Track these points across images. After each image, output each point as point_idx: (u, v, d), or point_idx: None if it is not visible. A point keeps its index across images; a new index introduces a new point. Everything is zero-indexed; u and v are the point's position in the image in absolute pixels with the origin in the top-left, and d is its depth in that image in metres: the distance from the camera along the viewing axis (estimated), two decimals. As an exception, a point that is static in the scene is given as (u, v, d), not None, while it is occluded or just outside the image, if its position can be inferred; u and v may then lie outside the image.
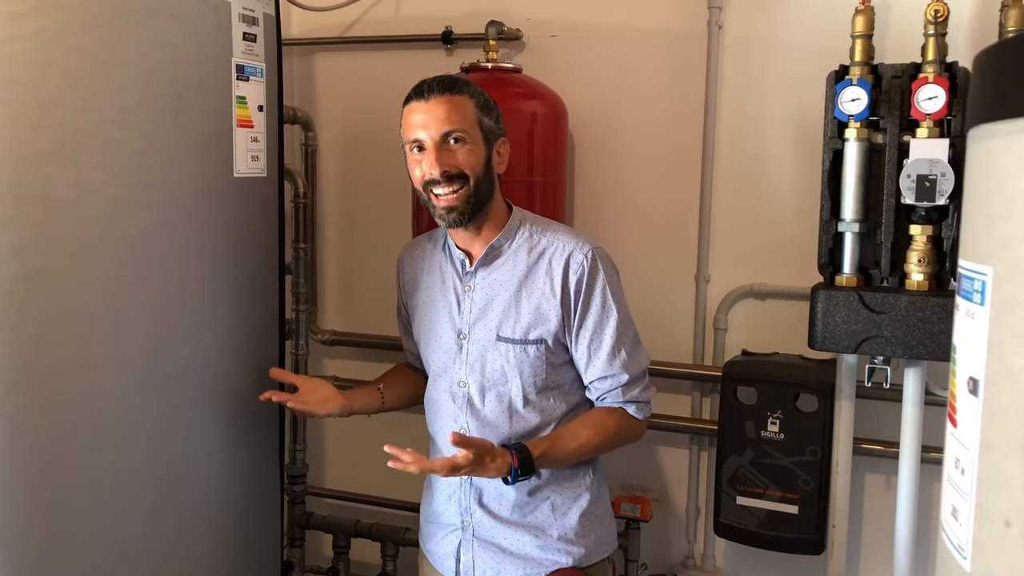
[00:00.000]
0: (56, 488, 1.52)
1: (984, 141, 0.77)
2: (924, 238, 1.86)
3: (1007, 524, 0.69)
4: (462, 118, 1.61)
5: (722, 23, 2.31)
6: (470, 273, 1.71)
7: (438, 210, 1.64)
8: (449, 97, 1.61)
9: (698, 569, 2.45)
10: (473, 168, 1.62)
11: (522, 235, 1.70)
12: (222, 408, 1.80)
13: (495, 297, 1.68)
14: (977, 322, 0.75)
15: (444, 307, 1.74)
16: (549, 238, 1.69)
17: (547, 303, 1.65)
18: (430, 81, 1.65)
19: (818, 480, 2.05)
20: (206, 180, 1.71)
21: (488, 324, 1.68)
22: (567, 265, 1.65)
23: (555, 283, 1.65)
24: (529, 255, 1.68)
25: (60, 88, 1.47)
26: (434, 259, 1.79)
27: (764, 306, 2.34)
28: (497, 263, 1.70)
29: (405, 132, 1.65)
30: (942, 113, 1.82)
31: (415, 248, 1.87)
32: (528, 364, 1.66)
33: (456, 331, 1.72)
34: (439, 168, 1.59)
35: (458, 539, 1.76)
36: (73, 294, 1.51)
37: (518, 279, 1.67)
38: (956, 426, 0.79)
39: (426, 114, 1.61)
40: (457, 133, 1.60)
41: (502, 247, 1.70)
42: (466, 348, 1.71)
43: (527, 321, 1.65)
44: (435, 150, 1.60)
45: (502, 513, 1.71)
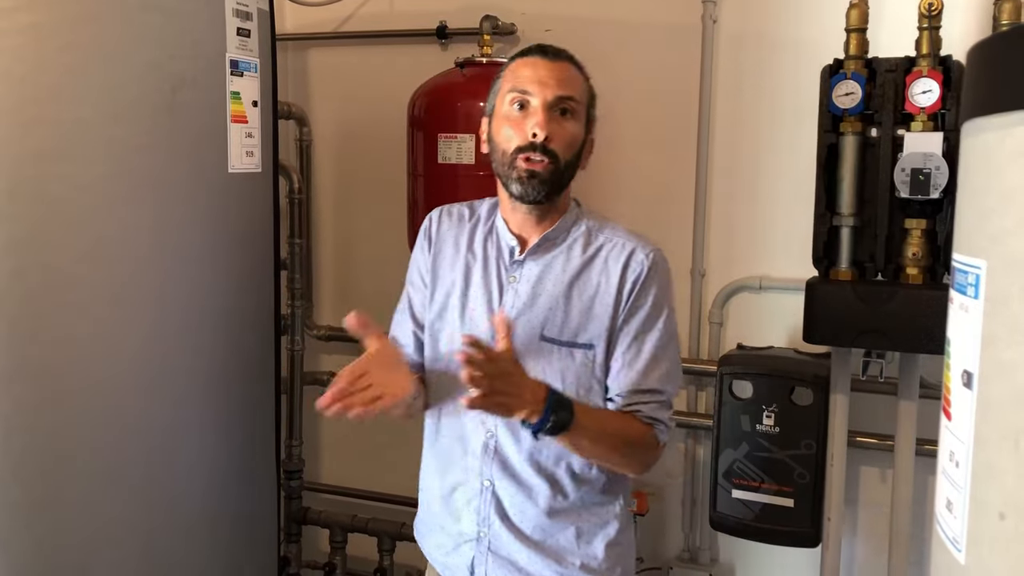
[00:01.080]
0: (52, 484, 1.52)
1: (978, 135, 0.77)
2: (919, 232, 1.87)
3: (1001, 516, 0.70)
4: (579, 90, 1.47)
5: (716, 17, 2.31)
6: (518, 262, 1.52)
7: (518, 173, 1.43)
8: (572, 67, 1.48)
9: (694, 562, 2.45)
10: (568, 150, 1.45)
11: (579, 229, 1.53)
12: (218, 404, 1.80)
13: (542, 292, 1.50)
14: (971, 315, 0.75)
15: (483, 294, 1.52)
16: (608, 235, 1.52)
17: (600, 305, 1.48)
18: (550, 45, 1.49)
19: (813, 473, 2.06)
20: (201, 176, 1.71)
21: (532, 321, 1.49)
22: (626, 265, 1.48)
23: (611, 283, 1.48)
24: (584, 251, 1.51)
25: (54, 84, 1.47)
26: (476, 238, 1.57)
27: (759, 300, 2.35)
28: (549, 255, 1.51)
29: (511, 82, 1.46)
30: (936, 107, 1.82)
31: (453, 217, 1.61)
32: (572, 370, 1.47)
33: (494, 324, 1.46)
34: (544, 131, 1.41)
35: (472, 552, 1.55)
36: (68, 290, 1.51)
37: (570, 275, 1.49)
38: (950, 419, 0.79)
39: (547, 71, 1.44)
40: (571, 103, 1.45)
41: (556, 238, 1.52)
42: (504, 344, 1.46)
43: (576, 322, 1.48)
44: (544, 111, 1.42)
45: (524, 529, 1.51)
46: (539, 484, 1.48)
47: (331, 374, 2.80)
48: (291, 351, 2.70)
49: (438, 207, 1.64)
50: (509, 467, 1.49)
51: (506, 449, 1.50)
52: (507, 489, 1.49)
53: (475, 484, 1.52)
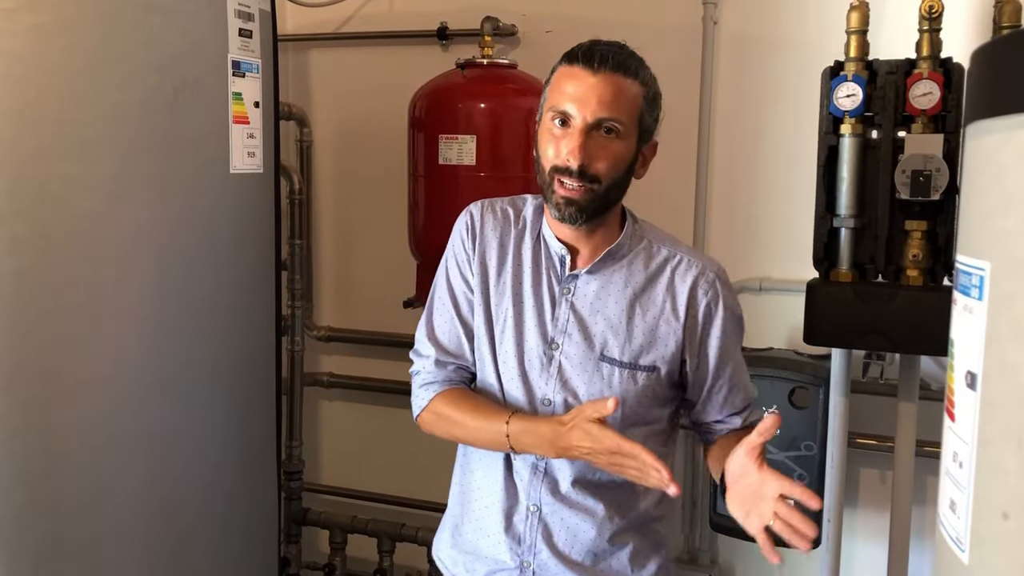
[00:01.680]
0: (54, 486, 1.52)
1: (982, 137, 0.78)
2: (919, 233, 1.87)
3: (1005, 516, 0.70)
4: (626, 108, 1.34)
5: (717, 19, 2.32)
6: (573, 275, 1.41)
7: (555, 197, 1.34)
8: (621, 78, 1.34)
9: (694, 564, 2.46)
10: (613, 170, 1.34)
11: (640, 242, 1.44)
12: (219, 404, 1.80)
13: (601, 309, 1.40)
14: (975, 316, 0.76)
15: (534, 306, 1.42)
16: (671, 250, 1.43)
17: (667, 325, 1.39)
18: (605, 49, 1.35)
19: (813, 474, 2.06)
20: (203, 176, 1.71)
21: (589, 340, 1.39)
22: (695, 284, 1.40)
23: (679, 304, 1.39)
24: (647, 267, 1.42)
25: (56, 85, 1.47)
26: (523, 243, 1.45)
27: (759, 301, 2.35)
28: (608, 270, 1.41)
29: (552, 97, 1.35)
30: (937, 109, 1.83)
31: (496, 216, 1.48)
32: (633, 394, 1.38)
33: (547, 340, 1.41)
34: (579, 160, 1.30)
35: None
36: (70, 290, 1.51)
37: (633, 292, 1.40)
38: (954, 420, 0.79)
39: (587, 88, 1.31)
40: (613, 123, 1.32)
41: (620, 252, 1.42)
42: (557, 361, 1.40)
43: (640, 343, 1.39)
44: (581, 135, 1.31)
45: (573, 556, 1.41)
46: (594, 505, 1.40)
47: (331, 375, 2.81)
48: (291, 352, 2.70)
49: (479, 201, 1.52)
50: (561, 490, 1.40)
51: (557, 471, 1.40)
52: (557, 513, 1.40)
53: (520, 509, 1.42)
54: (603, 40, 1.38)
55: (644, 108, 1.38)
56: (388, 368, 2.75)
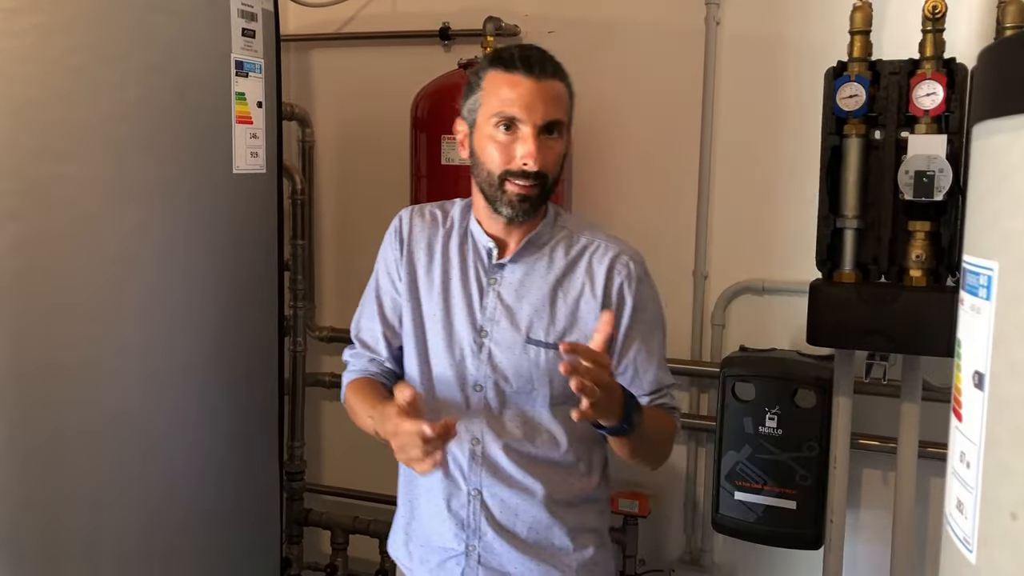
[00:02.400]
0: (55, 485, 1.52)
1: (989, 137, 0.78)
2: (922, 234, 1.87)
3: (1013, 517, 0.70)
4: (564, 110, 1.43)
5: (720, 19, 2.32)
6: (498, 265, 1.50)
7: (508, 197, 1.42)
8: (558, 83, 1.42)
9: (696, 564, 2.45)
10: (556, 168, 1.44)
11: (560, 231, 1.52)
12: (220, 405, 1.80)
13: (526, 295, 1.49)
14: (983, 316, 0.75)
15: (462, 298, 1.51)
16: (589, 237, 1.52)
17: (587, 305, 1.47)
18: (538, 56, 1.42)
19: (816, 475, 2.06)
20: (205, 176, 1.71)
21: (516, 324, 1.48)
22: (611, 267, 1.48)
23: (596, 284, 1.48)
24: (567, 253, 1.50)
25: (59, 84, 1.47)
26: (451, 241, 1.54)
27: (762, 302, 2.35)
28: (531, 258, 1.50)
29: (494, 105, 1.41)
30: (940, 109, 1.83)
31: (426, 218, 1.58)
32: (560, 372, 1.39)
33: (476, 328, 1.49)
34: (538, 163, 1.39)
35: (459, 567, 1.51)
36: (72, 290, 1.51)
37: (555, 276, 1.49)
38: (961, 420, 0.79)
39: (534, 94, 1.39)
40: (560, 125, 1.42)
41: (539, 240, 1.51)
42: (487, 347, 1.48)
43: (563, 324, 1.47)
44: (534, 139, 1.38)
45: (519, 533, 1.48)
46: (532, 483, 1.47)
47: (333, 375, 2.81)
48: (293, 352, 2.70)
49: (408, 207, 1.62)
50: (500, 471, 1.47)
51: (495, 454, 1.48)
52: (497, 495, 1.47)
53: (461, 496, 1.49)
54: (525, 44, 1.48)
55: (571, 107, 1.47)
56: (390, 368, 2.75)
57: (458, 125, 1.51)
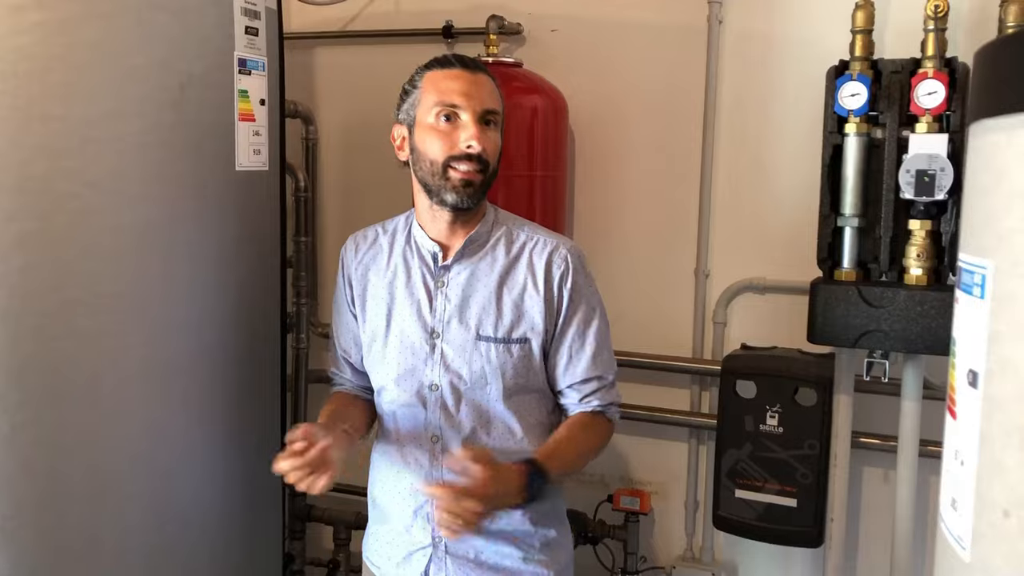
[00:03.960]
0: (58, 481, 1.53)
1: (985, 136, 0.78)
2: (923, 233, 1.87)
3: (1006, 514, 0.70)
4: (499, 103, 1.53)
5: (722, 18, 2.32)
6: (444, 267, 1.56)
7: (452, 183, 1.47)
8: (490, 81, 1.52)
9: (697, 562, 2.46)
10: (494, 157, 1.51)
11: (499, 229, 1.58)
12: (223, 401, 1.81)
13: (473, 293, 1.55)
14: (977, 315, 0.76)
15: (410, 305, 1.57)
16: (528, 233, 1.58)
17: (530, 299, 1.54)
18: (465, 57, 1.54)
19: (816, 474, 2.06)
20: (208, 174, 1.72)
21: (466, 322, 1.54)
22: (549, 261, 1.55)
23: (537, 279, 1.54)
24: (508, 250, 1.56)
25: (62, 81, 1.47)
26: (394, 253, 1.61)
27: (763, 300, 2.35)
28: (475, 257, 1.56)
29: (436, 96, 1.49)
30: (941, 108, 1.83)
31: (366, 240, 1.66)
32: (511, 365, 1.53)
33: (428, 330, 1.55)
34: (480, 145, 1.46)
35: (427, 557, 1.57)
36: (75, 286, 1.52)
37: (498, 274, 1.55)
38: (955, 418, 0.80)
39: (472, 85, 1.48)
40: (496, 116, 1.51)
41: (479, 239, 1.56)
42: (439, 348, 1.54)
43: (509, 319, 1.53)
44: (476, 124, 1.46)
45: None
46: None
47: (335, 372, 2.81)
48: (296, 349, 2.71)
49: (353, 234, 1.69)
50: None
51: (454, 450, 1.52)
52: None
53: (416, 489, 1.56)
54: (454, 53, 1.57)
55: (502, 102, 1.55)
56: (392, 366, 2.75)
57: (395, 131, 1.58)
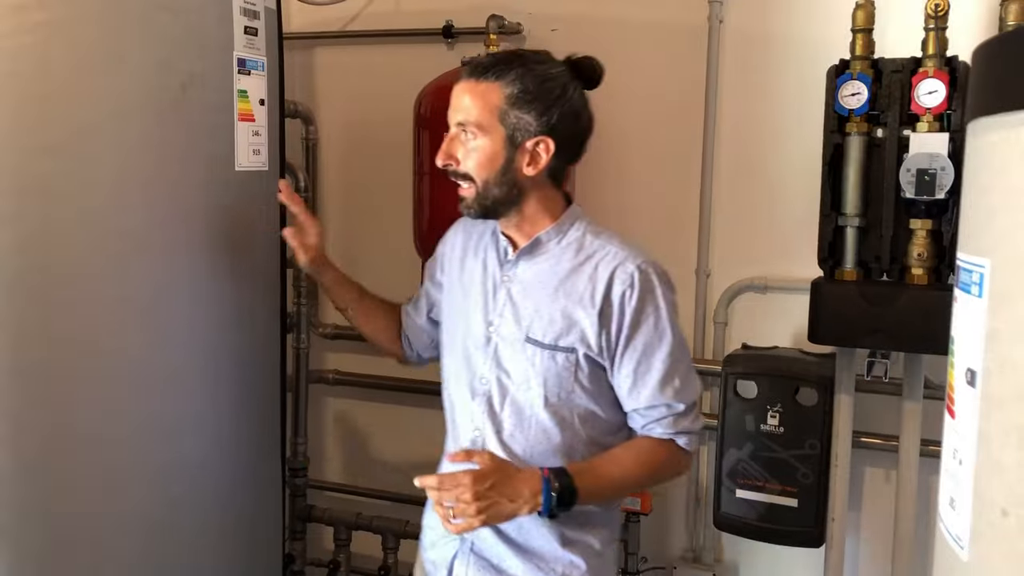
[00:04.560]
0: (58, 481, 1.53)
1: (983, 134, 0.78)
2: (924, 232, 1.87)
3: (1004, 513, 0.70)
4: (480, 110, 1.45)
5: (723, 17, 2.31)
6: (511, 262, 1.55)
7: None
8: (475, 83, 1.46)
9: (698, 562, 2.45)
10: (481, 168, 1.47)
11: (574, 234, 1.53)
12: (224, 401, 1.81)
13: (531, 294, 1.52)
14: (975, 314, 0.76)
15: (481, 293, 1.57)
16: (602, 243, 1.51)
17: (583, 310, 1.47)
18: (477, 59, 1.52)
19: (817, 473, 2.06)
20: (208, 174, 1.72)
21: (519, 321, 1.52)
22: (613, 275, 1.47)
23: (597, 291, 1.47)
24: (576, 256, 1.51)
25: (62, 82, 1.47)
26: (483, 239, 1.62)
27: (764, 300, 2.35)
28: (540, 258, 1.53)
29: None
30: (942, 107, 1.82)
31: (472, 222, 1.67)
32: (554, 373, 1.48)
33: (487, 322, 1.55)
34: (441, 159, 1.49)
35: (455, 550, 1.58)
36: (75, 287, 1.52)
37: (559, 278, 1.50)
38: (954, 417, 0.79)
39: (455, 96, 1.48)
40: (470, 127, 1.46)
41: (549, 241, 1.53)
42: (494, 342, 1.54)
43: (560, 326, 1.48)
44: (448, 139, 1.48)
45: (507, 530, 1.52)
46: None
47: (336, 372, 2.82)
48: (297, 349, 2.71)
49: None
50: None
51: (491, 447, 1.52)
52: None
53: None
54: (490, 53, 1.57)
55: (507, 107, 1.45)
56: (393, 366, 2.73)
57: None
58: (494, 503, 1.35)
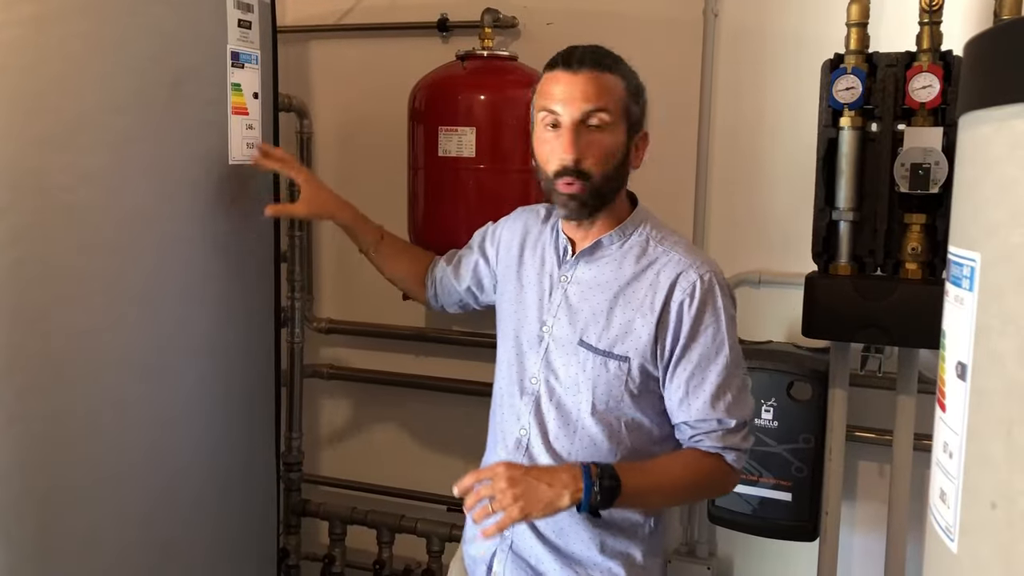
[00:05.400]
0: (53, 476, 1.53)
1: (975, 127, 0.78)
2: (918, 227, 1.87)
3: (993, 506, 0.70)
4: (609, 100, 1.42)
5: (718, 11, 2.31)
6: (569, 263, 1.52)
7: (560, 197, 1.45)
8: (599, 74, 1.42)
9: (692, 556, 2.46)
10: (604, 163, 1.43)
11: (638, 237, 1.51)
12: (218, 396, 1.81)
13: (588, 297, 1.49)
14: (965, 307, 0.76)
15: (537, 291, 1.55)
16: (666, 248, 1.48)
17: (642, 319, 1.44)
18: (583, 50, 1.44)
19: (811, 467, 2.06)
20: (201, 167, 1.71)
21: (574, 324, 1.49)
22: (675, 282, 1.44)
23: (656, 299, 1.44)
24: (638, 261, 1.48)
25: (55, 74, 1.47)
26: (542, 235, 1.60)
27: (758, 294, 2.35)
28: (601, 261, 1.50)
29: (541, 101, 1.46)
30: (936, 102, 1.82)
31: (535, 214, 1.66)
32: (604, 380, 1.45)
33: (540, 321, 1.53)
34: (572, 154, 1.40)
35: (494, 547, 1.55)
36: (69, 281, 1.52)
37: (619, 284, 1.47)
38: (945, 410, 0.80)
39: (571, 87, 1.41)
40: (600, 116, 1.41)
41: (611, 244, 1.50)
42: (546, 342, 1.51)
43: (616, 332, 1.45)
44: (571, 131, 1.40)
45: (546, 532, 1.50)
46: None
47: (331, 366, 2.81)
48: (291, 343, 2.70)
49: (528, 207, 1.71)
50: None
51: (536, 448, 1.50)
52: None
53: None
54: (580, 45, 1.46)
55: (628, 99, 1.46)
56: (388, 360, 2.76)
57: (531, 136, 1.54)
58: (531, 487, 1.31)
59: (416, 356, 2.71)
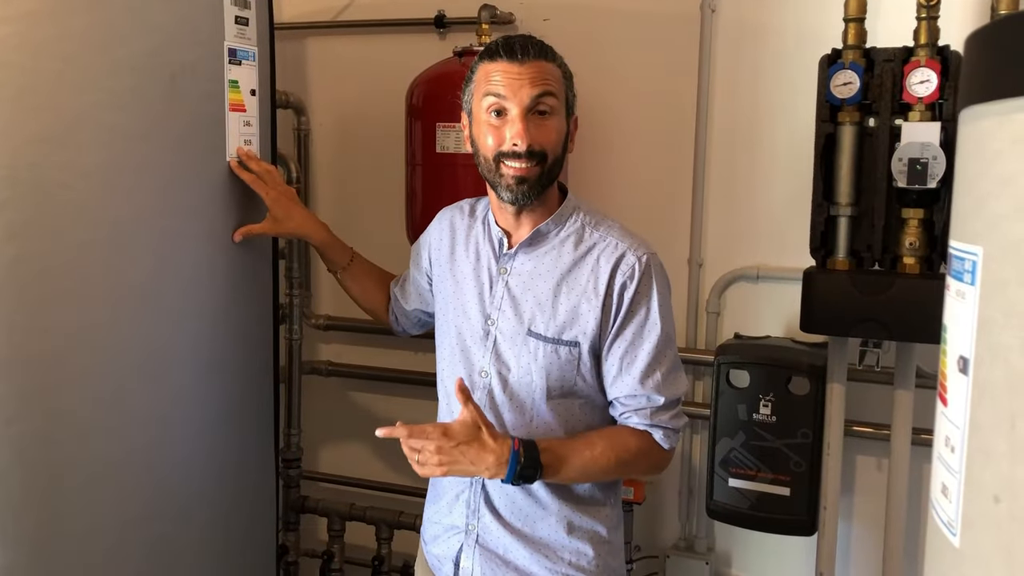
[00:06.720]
0: (52, 474, 1.52)
1: (975, 121, 0.78)
2: (916, 221, 1.87)
3: (996, 500, 0.70)
4: (554, 85, 1.46)
5: (715, 6, 2.31)
6: (508, 255, 1.54)
7: (505, 180, 1.45)
8: (543, 63, 1.45)
9: (691, 551, 2.47)
10: (553, 146, 1.46)
11: (573, 224, 1.53)
12: (217, 393, 1.80)
13: (531, 287, 1.51)
14: (967, 302, 0.76)
15: (475, 286, 1.57)
16: (602, 233, 1.51)
17: (587, 303, 1.48)
18: (522, 40, 1.46)
19: (809, 462, 2.07)
20: (199, 164, 1.71)
21: (520, 315, 1.51)
22: (616, 266, 1.47)
23: (600, 283, 1.47)
24: (576, 248, 1.51)
25: (52, 71, 1.46)
26: (472, 231, 1.62)
27: (756, 289, 2.35)
28: (540, 250, 1.52)
29: (482, 90, 1.47)
30: (934, 97, 1.83)
31: (460, 211, 1.68)
32: (557, 366, 1.49)
33: (484, 315, 1.55)
34: (526, 141, 1.42)
35: (460, 543, 1.58)
36: (67, 278, 1.51)
37: (561, 271, 1.50)
38: (946, 405, 0.80)
39: (519, 76, 1.43)
40: (547, 101, 1.44)
41: (549, 233, 1.53)
42: (492, 335, 1.54)
43: (563, 319, 1.48)
44: (521, 120, 1.43)
45: (512, 521, 1.53)
46: None
47: (329, 363, 2.81)
48: (289, 340, 2.70)
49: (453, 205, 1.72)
50: None
51: None
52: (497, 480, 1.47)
53: (467, 478, 1.54)
54: (512, 35, 1.50)
55: (566, 86, 1.50)
56: (386, 356, 2.76)
57: (462, 119, 1.57)
58: (456, 461, 1.38)
59: (415, 352, 2.71)
